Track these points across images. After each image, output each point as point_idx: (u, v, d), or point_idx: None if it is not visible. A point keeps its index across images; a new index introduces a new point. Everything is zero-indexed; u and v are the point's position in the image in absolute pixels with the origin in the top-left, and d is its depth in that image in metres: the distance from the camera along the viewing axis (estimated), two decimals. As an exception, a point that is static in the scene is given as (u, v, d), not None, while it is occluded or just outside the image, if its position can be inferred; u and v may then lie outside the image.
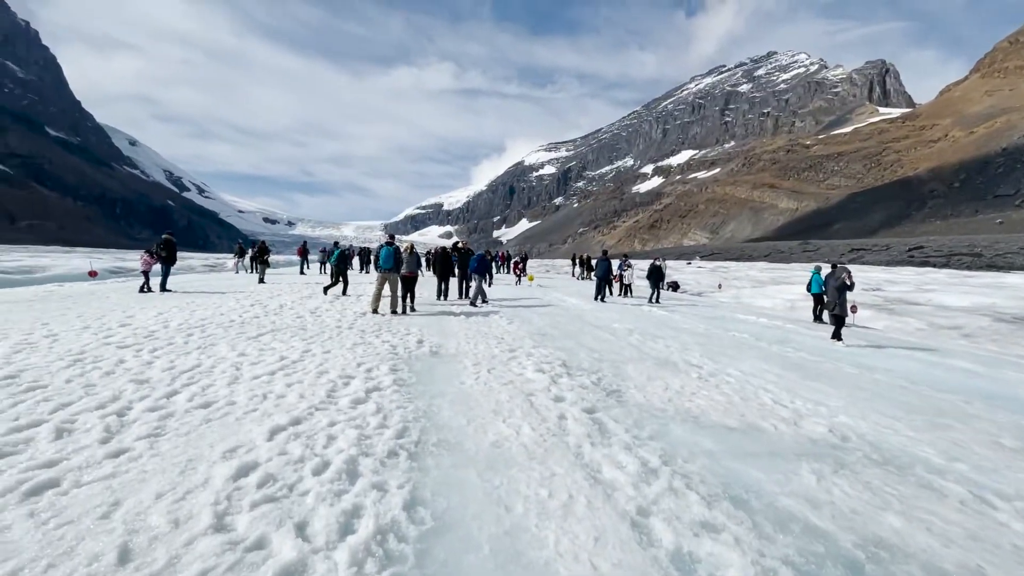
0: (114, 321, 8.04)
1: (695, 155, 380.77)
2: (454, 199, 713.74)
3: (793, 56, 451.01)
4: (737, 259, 79.02)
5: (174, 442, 3.39)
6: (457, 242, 16.00)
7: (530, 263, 44.81)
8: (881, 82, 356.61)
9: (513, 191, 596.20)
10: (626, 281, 18.19)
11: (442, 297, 13.56)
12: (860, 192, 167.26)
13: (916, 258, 51.36)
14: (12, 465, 2.95)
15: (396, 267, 10.50)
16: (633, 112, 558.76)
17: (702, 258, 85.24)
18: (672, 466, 3.48)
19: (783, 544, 2.63)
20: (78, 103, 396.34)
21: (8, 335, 6.63)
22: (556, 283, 24.29)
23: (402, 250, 10.89)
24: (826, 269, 13.43)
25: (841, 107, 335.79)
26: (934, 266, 43.85)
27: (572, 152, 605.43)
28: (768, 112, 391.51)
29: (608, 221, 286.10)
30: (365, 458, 3.31)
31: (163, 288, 13.60)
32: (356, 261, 29.26)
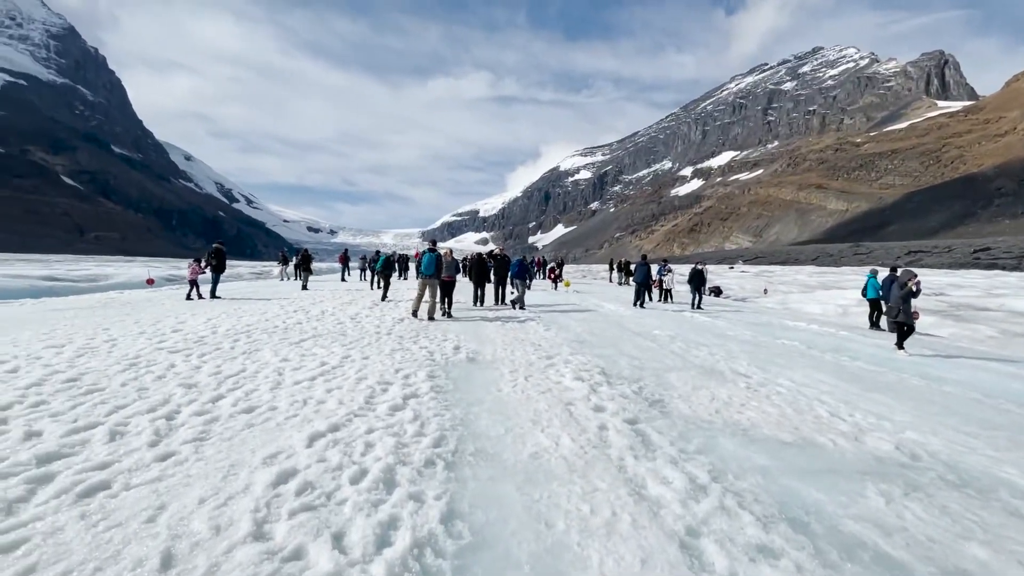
0: (167, 327, 8.42)
1: (736, 156, 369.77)
2: (490, 206, 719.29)
3: (841, 51, 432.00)
4: (783, 263, 76.09)
5: (218, 447, 3.45)
6: (492, 250, 16.10)
7: (566, 268, 44.44)
8: (939, 74, 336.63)
9: (548, 197, 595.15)
10: (666, 286, 17.73)
11: (478, 303, 13.57)
12: (918, 191, 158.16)
13: (983, 260, 47.94)
14: (69, 466, 3.06)
15: (437, 273, 10.58)
16: (671, 114, 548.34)
17: (745, 262, 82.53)
18: (722, 483, 3.27)
19: (851, 574, 2.40)
20: (140, 122, 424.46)
21: (73, 340, 7.03)
22: (593, 288, 23.96)
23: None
24: (883, 272, 12.66)
25: (895, 102, 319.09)
26: (1003, 268, 40.79)
27: (608, 156, 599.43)
28: (814, 110, 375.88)
29: (646, 225, 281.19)
30: (402, 467, 3.26)
31: (213, 295, 14.20)
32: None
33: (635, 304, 14.75)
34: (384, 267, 15.22)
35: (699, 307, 14.95)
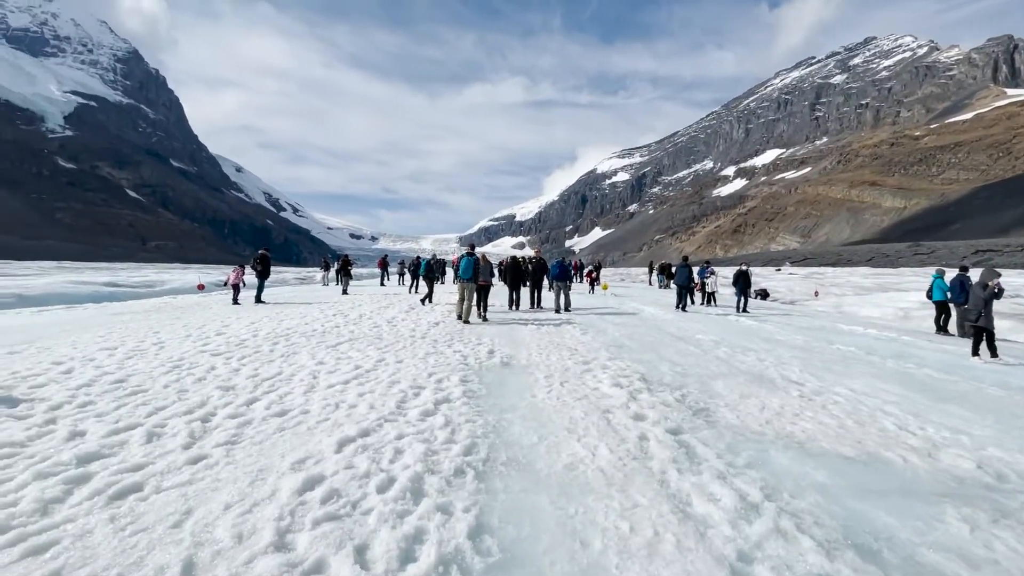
0: (212, 330, 8.68)
1: (782, 154, 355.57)
2: (526, 210, 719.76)
3: (896, 40, 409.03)
4: (834, 264, 72.42)
5: (248, 450, 3.43)
6: (528, 255, 16.00)
7: (604, 272, 43.67)
8: (1008, 60, 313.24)
9: (585, 200, 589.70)
10: (709, 289, 17.08)
11: (514, 307, 13.42)
12: (985, 186, 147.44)
13: (1062, 259, 44.04)
14: (106, 467, 3.10)
15: (475, 276, 10.68)
16: (712, 113, 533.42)
17: (793, 264, 79.15)
18: (777, 502, 2.98)
19: (935, 615, 2.09)
20: (195, 136, 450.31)
21: (125, 342, 7.33)
22: (632, 292, 23.40)
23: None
24: (950, 273, 11.72)
25: (958, 92, 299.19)
26: (1088, 268, 37.32)
27: (647, 157, 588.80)
28: (867, 103, 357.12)
29: (687, 227, 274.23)
30: (431, 476, 3.13)
31: (258, 300, 14.67)
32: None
33: (677, 307, 14.24)
34: (427, 271, 15.55)
35: (745, 310, 14.29)
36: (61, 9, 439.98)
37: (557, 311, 12.80)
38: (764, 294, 24.28)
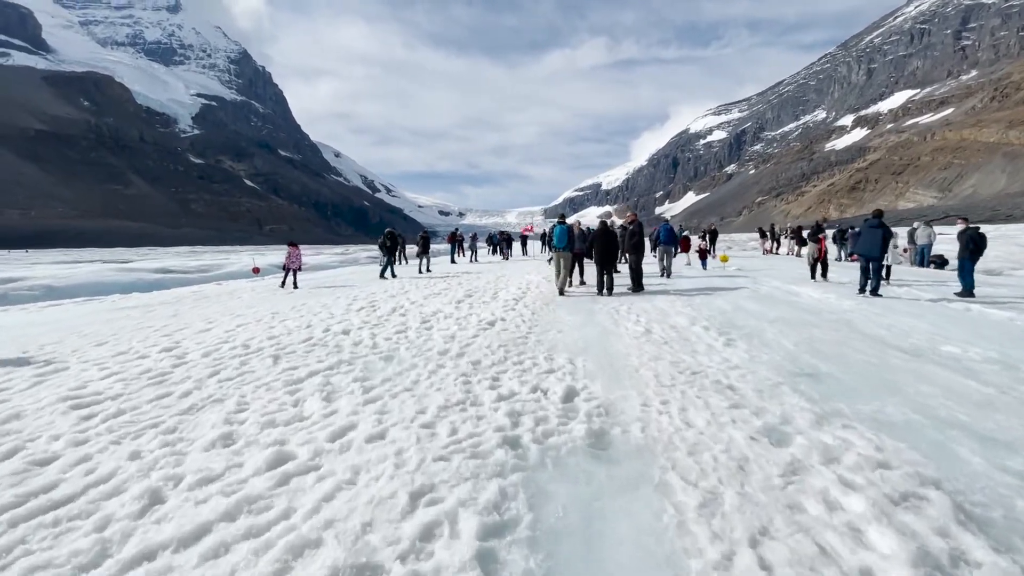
0: (173, 340, 6.11)
1: (915, 96, 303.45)
2: (612, 177, 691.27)
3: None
4: (988, 220, 59.25)
5: None
6: (615, 220, 12.76)
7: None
8: None
9: (677, 163, 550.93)
10: (887, 262, 12.00)
11: (605, 291, 9.70)
12: None
13: None
14: None
15: (570, 245, 9.95)
16: (825, 55, 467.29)
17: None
18: None
19: None
20: (298, 126, 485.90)
21: (83, 349, 4.91)
22: (750, 264, 18.43)
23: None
24: None
25: None
26: None
27: (746, 112, 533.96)
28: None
29: (794, 187, 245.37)
30: None
31: (393, 275, 14.42)
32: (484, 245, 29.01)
33: (868, 291, 9.29)
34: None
35: (970, 293, 9.02)
36: (184, 20, 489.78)
37: (662, 275, 12.51)
38: (941, 261, 18.19)
